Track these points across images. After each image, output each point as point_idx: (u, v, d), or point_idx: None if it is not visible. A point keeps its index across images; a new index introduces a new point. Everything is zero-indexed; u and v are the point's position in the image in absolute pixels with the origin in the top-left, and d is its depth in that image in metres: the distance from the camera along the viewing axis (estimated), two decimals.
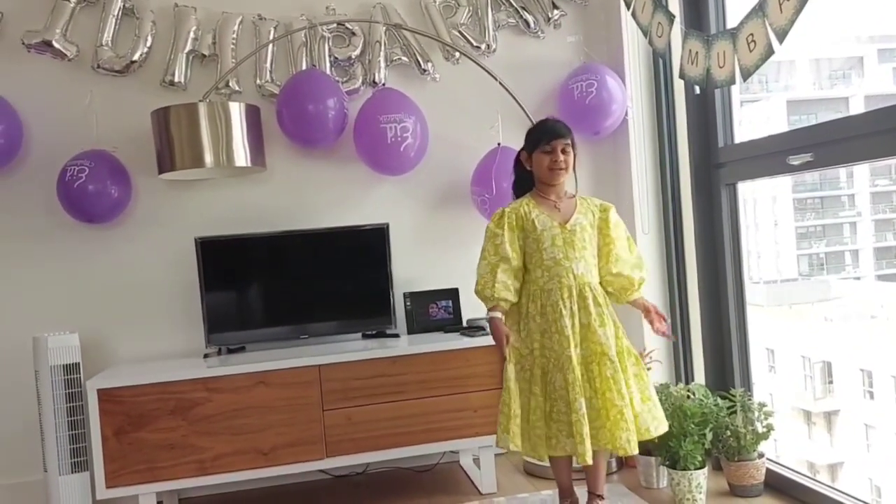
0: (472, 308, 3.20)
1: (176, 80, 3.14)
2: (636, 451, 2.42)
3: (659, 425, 2.47)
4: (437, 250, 3.34)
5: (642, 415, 2.44)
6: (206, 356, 3.05)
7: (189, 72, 3.17)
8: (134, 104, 3.10)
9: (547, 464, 2.63)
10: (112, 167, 3.03)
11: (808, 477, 2.76)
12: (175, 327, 3.18)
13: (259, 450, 2.78)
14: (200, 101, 2.94)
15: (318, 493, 3.14)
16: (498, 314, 2.48)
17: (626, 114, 3.30)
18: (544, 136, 2.50)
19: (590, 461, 2.37)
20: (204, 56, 3.17)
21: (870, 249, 7.35)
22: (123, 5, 3.10)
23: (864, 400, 6.92)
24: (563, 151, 2.49)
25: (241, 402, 2.77)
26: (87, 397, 2.69)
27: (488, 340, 2.94)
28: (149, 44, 3.12)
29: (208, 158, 2.89)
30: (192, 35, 3.14)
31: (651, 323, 2.56)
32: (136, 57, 3.11)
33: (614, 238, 2.54)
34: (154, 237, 3.18)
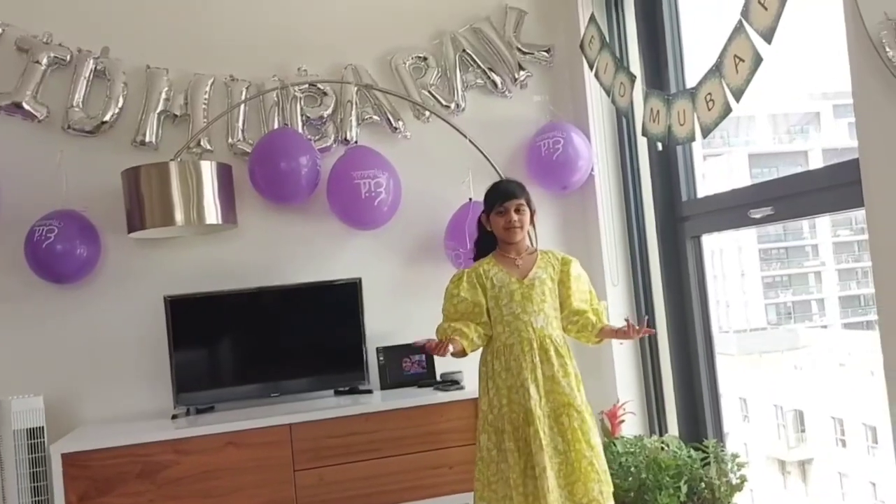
0: (445, 362, 3.19)
1: (147, 139, 3.15)
2: (610, 503, 2.43)
3: (610, 481, 2.51)
4: (410, 304, 3.34)
5: (607, 471, 2.49)
6: (174, 417, 2.99)
7: (160, 131, 3.19)
8: (104, 164, 3.10)
9: None
10: (81, 227, 3.01)
11: None
12: (143, 388, 3.12)
13: None
14: (172, 160, 2.96)
15: None
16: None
17: (593, 169, 3.38)
18: (497, 198, 2.59)
19: None
20: (175, 116, 3.20)
21: (835, 298, 7.47)
22: (95, 67, 3.13)
23: (836, 448, 6.95)
24: (517, 211, 2.57)
25: (211, 463, 2.72)
26: (50, 462, 2.62)
27: (463, 395, 2.95)
28: (120, 104, 3.14)
29: (179, 216, 2.90)
30: (163, 96, 3.17)
31: (629, 335, 2.53)
32: (107, 118, 3.12)
33: (574, 291, 2.60)
34: (123, 296, 3.15)
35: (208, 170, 2.97)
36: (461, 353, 2.53)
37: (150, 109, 3.16)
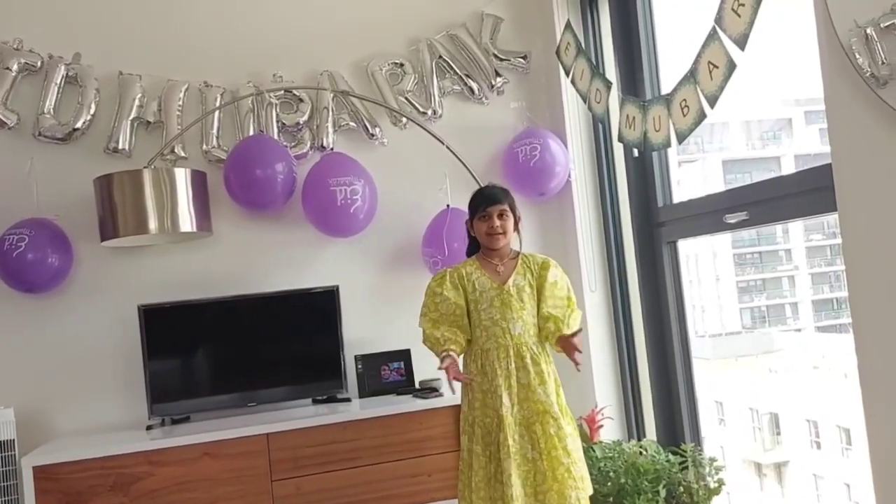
0: (424, 369, 3.19)
1: (120, 147, 3.11)
2: None
3: (587, 487, 2.51)
4: (388, 311, 3.32)
5: (584, 478, 2.48)
6: (148, 428, 2.95)
7: (133, 139, 3.15)
8: (77, 172, 3.06)
9: None
10: (53, 235, 2.96)
11: None
12: (117, 399, 3.08)
13: None
14: (145, 167, 2.93)
15: None
16: (451, 354, 2.45)
17: (570, 176, 3.39)
18: (480, 204, 2.59)
19: None
20: (149, 123, 3.16)
21: (808, 302, 7.56)
22: (67, 74, 3.08)
23: (811, 450, 7.02)
24: (500, 217, 2.56)
25: (186, 475, 2.68)
26: (21, 475, 2.57)
27: (442, 402, 2.93)
28: (92, 111, 3.10)
29: (153, 224, 2.86)
30: (136, 102, 3.13)
31: (572, 356, 2.46)
32: (78, 125, 3.08)
33: (547, 296, 2.58)
34: (96, 306, 3.10)
35: (182, 177, 2.94)
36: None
37: (123, 116, 3.12)
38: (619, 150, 3.31)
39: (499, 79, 3.49)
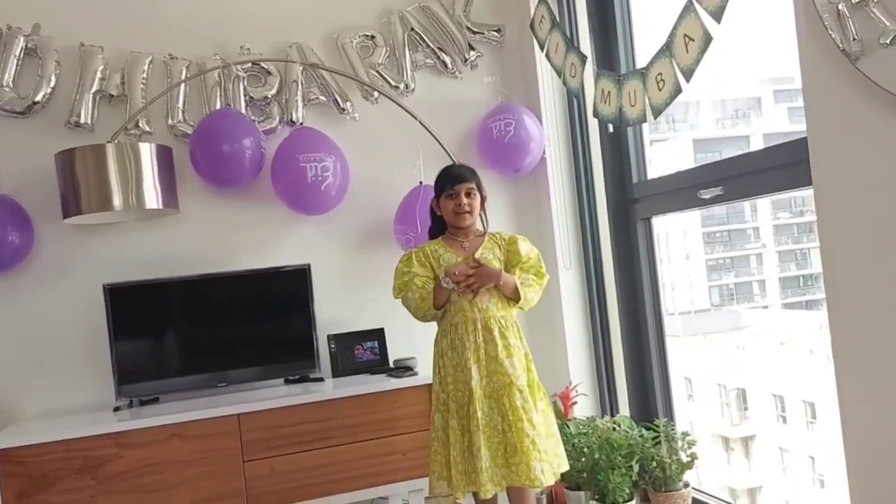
0: (398, 348, 3.16)
1: (82, 121, 3.01)
2: (550, 483, 2.45)
3: (561, 463, 2.53)
4: (361, 290, 3.29)
5: (548, 451, 2.48)
6: (116, 409, 2.89)
7: (96, 112, 3.05)
8: (37, 146, 2.95)
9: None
10: (13, 212, 2.86)
11: None
12: (83, 380, 3.00)
13: None
14: (108, 142, 2.84)
15: None
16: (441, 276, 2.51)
17: (544, 152, 3.36)
18: (448, 181, 2.59)
19: (488, 495, 2.41)
20: (112, 96, 3.07)
21: (775, 279, 7.67)
22: (26, 45, 2.97)
23: (777, 424, 7.16)
24: (468, 195, 2.57)
25: (155, 457, 2.63)
26: None
27: (416, 381, 2.92)
28: (52, 84, 2.99)
29: (117, 201, 2.78)
30: (99, 75, 3.03)
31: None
32: (38, 98, 2.97)
33: (524, 262, 2.61)
34: (59, 285, 3.01)
35: (147, 152, 2.86)
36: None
37: (85, 89, 3.02)
38: (593, 125, 3.29)
39: (472, 52, 3.44)
